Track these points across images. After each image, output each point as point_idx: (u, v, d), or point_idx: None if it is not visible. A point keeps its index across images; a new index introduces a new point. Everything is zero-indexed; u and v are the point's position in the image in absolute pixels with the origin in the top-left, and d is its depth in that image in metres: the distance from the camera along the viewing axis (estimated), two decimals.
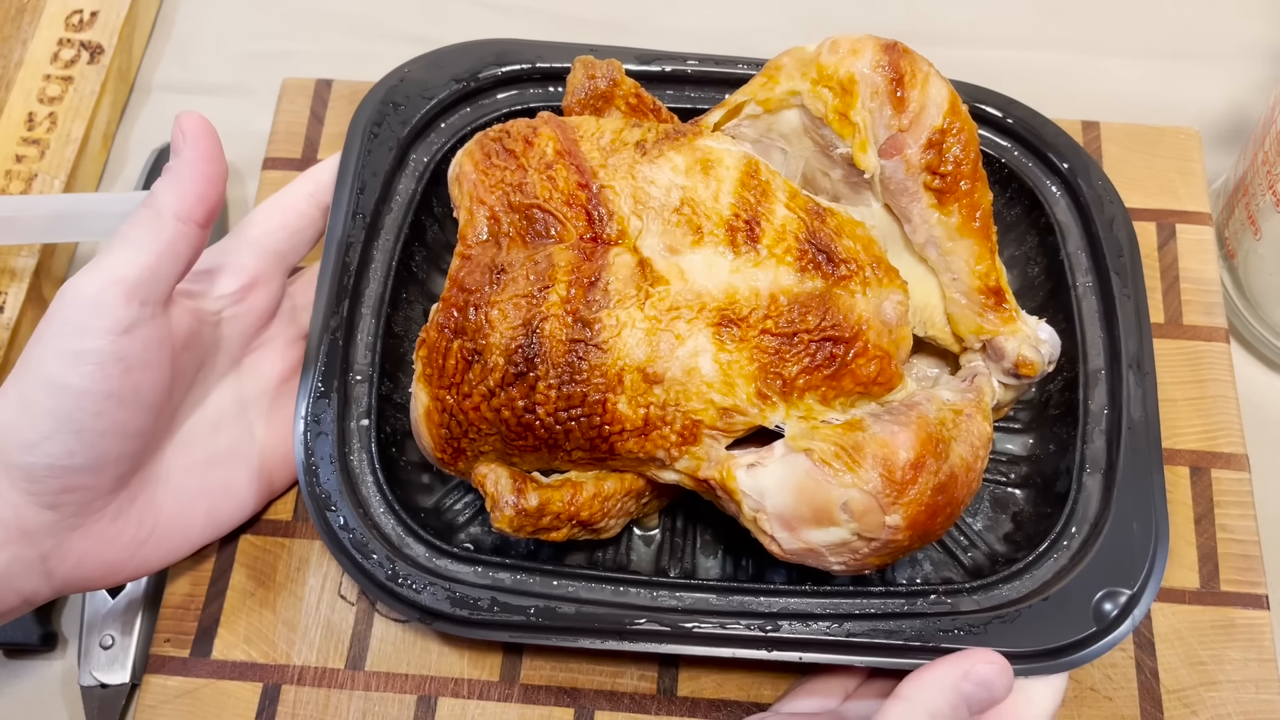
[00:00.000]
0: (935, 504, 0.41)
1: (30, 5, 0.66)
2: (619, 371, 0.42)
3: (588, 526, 0.46)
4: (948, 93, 0.46)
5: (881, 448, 0.40)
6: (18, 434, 0.39)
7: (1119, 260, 0.52)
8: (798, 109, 0.47)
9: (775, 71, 0.48)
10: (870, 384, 0.44)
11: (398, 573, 0.46)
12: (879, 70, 0.45)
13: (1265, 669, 0.50)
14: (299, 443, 0.47)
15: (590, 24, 0.69)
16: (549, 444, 0.44)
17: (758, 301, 0.43)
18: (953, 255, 0.48)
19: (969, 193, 0.47)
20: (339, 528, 0.46)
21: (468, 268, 0.44)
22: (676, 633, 0.44)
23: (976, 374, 0.48)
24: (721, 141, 0.46)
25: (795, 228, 0.44)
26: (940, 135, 0.46)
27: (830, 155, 0.48)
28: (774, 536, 0.42)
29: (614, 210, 0.44)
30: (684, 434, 0.43)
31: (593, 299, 0.43)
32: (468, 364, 0.43)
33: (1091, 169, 0.54)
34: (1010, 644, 0.44)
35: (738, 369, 0.42)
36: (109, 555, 0.43)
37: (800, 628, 0.45)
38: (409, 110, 0.53)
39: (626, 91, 0.50)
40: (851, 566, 0.43)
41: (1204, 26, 0.70)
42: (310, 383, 0.48)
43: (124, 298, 0.40)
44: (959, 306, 0.48)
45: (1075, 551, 0.46)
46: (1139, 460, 0.47)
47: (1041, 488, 0.50)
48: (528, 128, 0.47)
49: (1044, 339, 0.48)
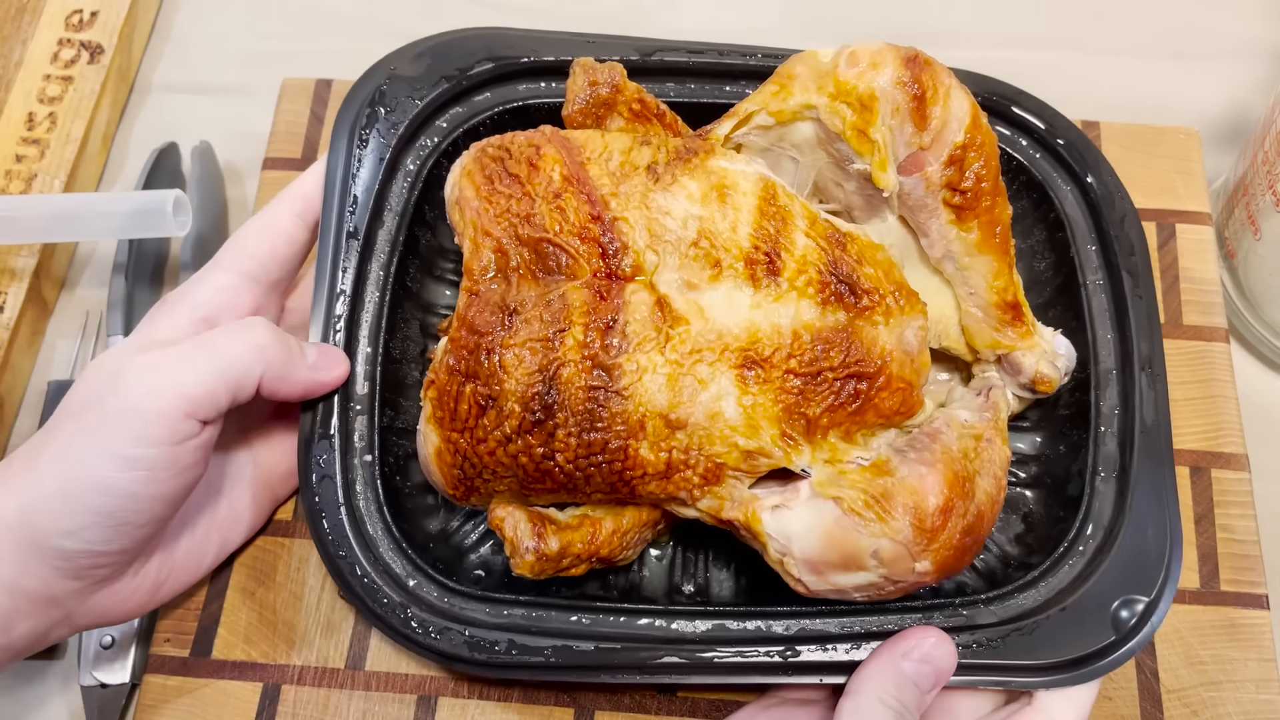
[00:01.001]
0: (963, 545, 0.41)
1: (30, 5, 0.65)
2: (640, 418, 0.41)
3: (606, 561, 0.45)
4: (969, 106, 0.44)
5: (911, 495, 0.40)
6: (57, 521, 0.39)
7: (1130, 259, 0.51)
8: (812, 123, 0.45)
9: (788, 81, 0.45)
10: (892, 415, 0.43)
11: (410, 618, 0.45)
12: (900, 86, 0.43)
13: (1265, 669, 0.50)
14: (306, 491, 0.46)
15: (590, 23, 0.66)
16: (568, 487, 0.43)
17: (780, 340, 0.42)
18: (970, 270, 0.47)
19: (989, 209, 0.45)
20: (350, 573, 0.45)
21: (476, 306, 0.42)
22: (696, 665, 0.44)
23: (991, 387, 0.48)
24: (735, 162, 0.44)
25: (816, 258, 0.43)
26: (962, 151, 0.44)
27: (845, 169, 0.46)
28: (800, 579, 0.42)
29: (628, 244, 0.42)
30: (707, 476, 0.42)
31: (610, 343, 0.41)
32: (481, 409, 0.41)
33: (1102, 165, 0.52)
34: (1030, 656, 0.44)
35: (761, 411, 0.41)
36: (130, 604, 0.44)
37: (819, 652, 0.45)
38: (398, 114, 0.50)
39: (629, 97, 0.48)
40: (874, 598, 0.43)
41: (1204, 26, 0.69)
42: (312, 425, 0.46)
43: (185, 415, 0.40)
44: (975, 320, 0.47)
45: (1090, 558, 0.46)
46: (1153, 465, 0.47)
47: (1052, 489, 0.50)
48: (529, 146, 0.44)
49: (1060, 353, 0.47)
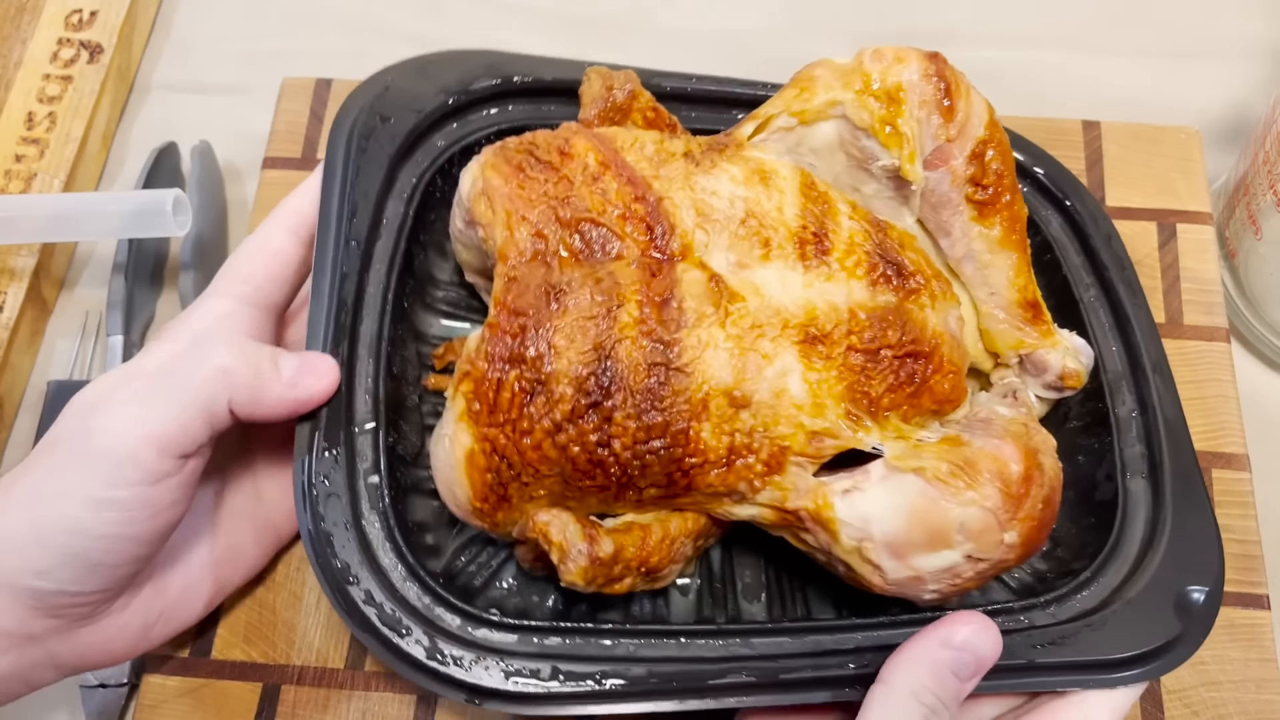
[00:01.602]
0: (1045, 517, 0.39)
1: (30, 5, 0.65)
2: (704, 397, 0.38)
3: (653, 574, 0.41)
4: (986, 104, 0.46)
5: (993, 461, 0.38)
6: (29, 561, 0.37)
7: (1123, 273, 0.52)
8: (836, 120, 0.45)
9: (810, 83, 0.45)
10: (944, 401, 0.42)
11: (438, 649, 0.39)
12: (928, 79, 0.44)
13: (1265, 669, 0.50)
14: (303, 510, 0.40)
15: (590, 23, 0.67)
16: (620, 482, 0.39)
17: (839, 316, 0.40)
18: (991, 269, 0.47)
19: (1010, 205, 0.46)
20: (362, 602, 0.39)
21: (516, 289, 0.39)
22: (766, 683, 0.40)
23: (1015, 390, 0.47)
24: (767, 153, 0.44)
25: (863, 239, 0.42)
26: (983, 146, 0.45)
27: (867, 169, 0.46)
28: (880, 566, 0.39)
29: (675, 223, 0.41)
30: (770, 463, 0.39)
31: (668, 318, 0.38)
32: (528, 396, 0.38)
33: (1081, 190, 0.54)
34: (1104, 652, 0.41)
35: (827, 389, 0.39)
36: (117, 645, 0.41)
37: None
38: (397, 125, 0.47)
39: (644, 105, 0.47)
40: (944, 594, 0.40)
41: (1204, 26, 0.69)
42: (315, 441, 0.41)
43: (159, 453, 0.38)
44: (996, 322, 0.47)
45: (1139, 554, 0.45)
46: (1182, 459, 0.47)
47: (1076, 501, 0.50)
48: (557, 138, 0.43)
49: (1081, 349, 0.48)
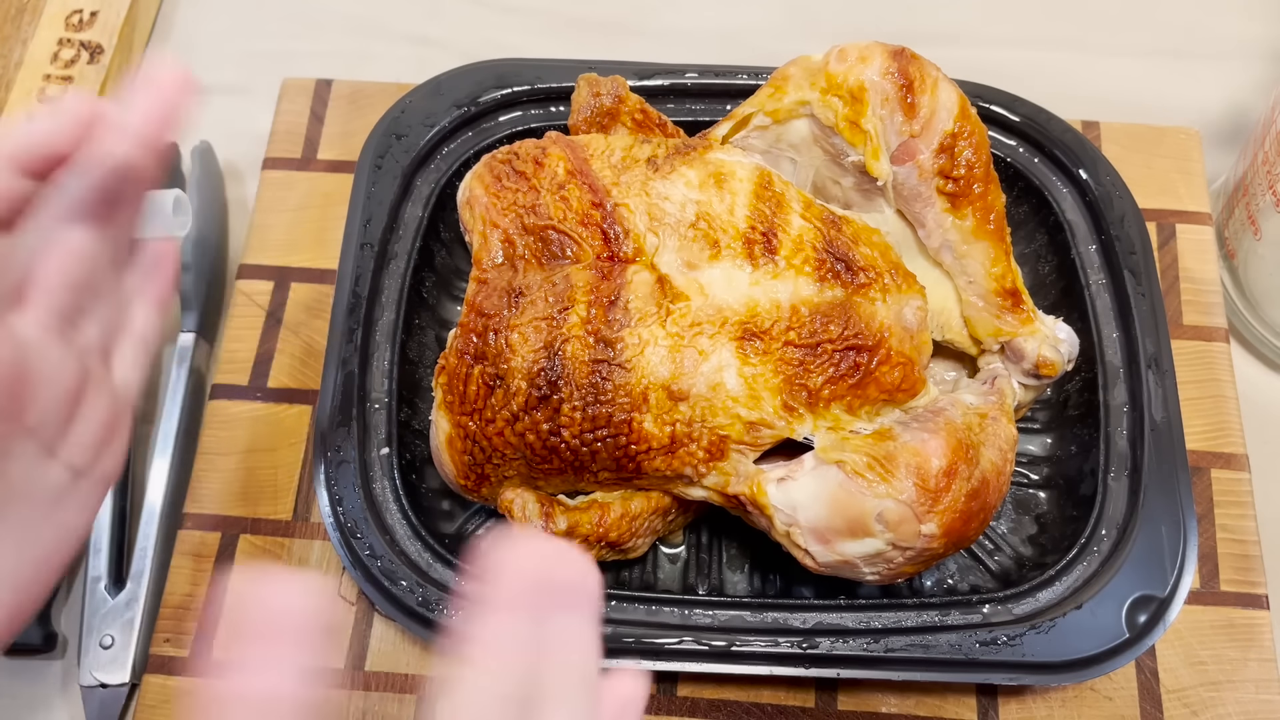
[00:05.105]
0: (969, 510, 0.41)
1: (30, 5, 0.65)
2: (644, 390, 0.42)
3: (616, 547, 0.45)
4: (957, 97, 0.46)
5: (914, 456, 0.40)
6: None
7: (1131, 258, 0.52)
8: (807, 118, 0.47)
9: (783, 82, 0.47)
10: (895, 391, 0.44)
11: (428, 598, 0.45)
12: (888, 77, 0.45)
13: (1265, 669, 0.49)
14: (320, 476, 0.47)
15: (591, 23, 0.69)
16: (575, 466, 0.43)
17: (779, 313, 0.43)
18: (968, 258, 0.48)
19: (982, 195, 0.47)
20: (366, 556, 0.46)
21: (484, 292, 0.44)
22: (714, 652, 0.44)
23: (996, 376, 0.48)
24: (732, 154, 0.46)
25: (812, 237, 0.44)
26: (951, 139, 0.46)
27: (841, 163, 0.48)
28: (808, 550, 0.42)
29: (629, 228, 0.44)
30: (711, 450, 0.43)
31: (613, 318, 0.42)
32: (489, 389, 0.43)
33: (1100, 164, 0.54)
34: (1046, 654, 0.44)
35: (763, 382, 0.42)
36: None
37: (839, 645, 0.44)
38: (412, 139, 0.53)
39: (632, 108, 0.50)
40: (885, 576, 0.43)
41: (1204, 26, 0.69)
42: (329, 412, 0.48)
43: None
44: (976, 309, 0.48)
45: (1106, 556, 0.46)
46: (1164, 462, 0.47)
47: (1064, 490, 0.50)
48: (536, 148, 0.47)
49: (1062, 338, 0.48)
